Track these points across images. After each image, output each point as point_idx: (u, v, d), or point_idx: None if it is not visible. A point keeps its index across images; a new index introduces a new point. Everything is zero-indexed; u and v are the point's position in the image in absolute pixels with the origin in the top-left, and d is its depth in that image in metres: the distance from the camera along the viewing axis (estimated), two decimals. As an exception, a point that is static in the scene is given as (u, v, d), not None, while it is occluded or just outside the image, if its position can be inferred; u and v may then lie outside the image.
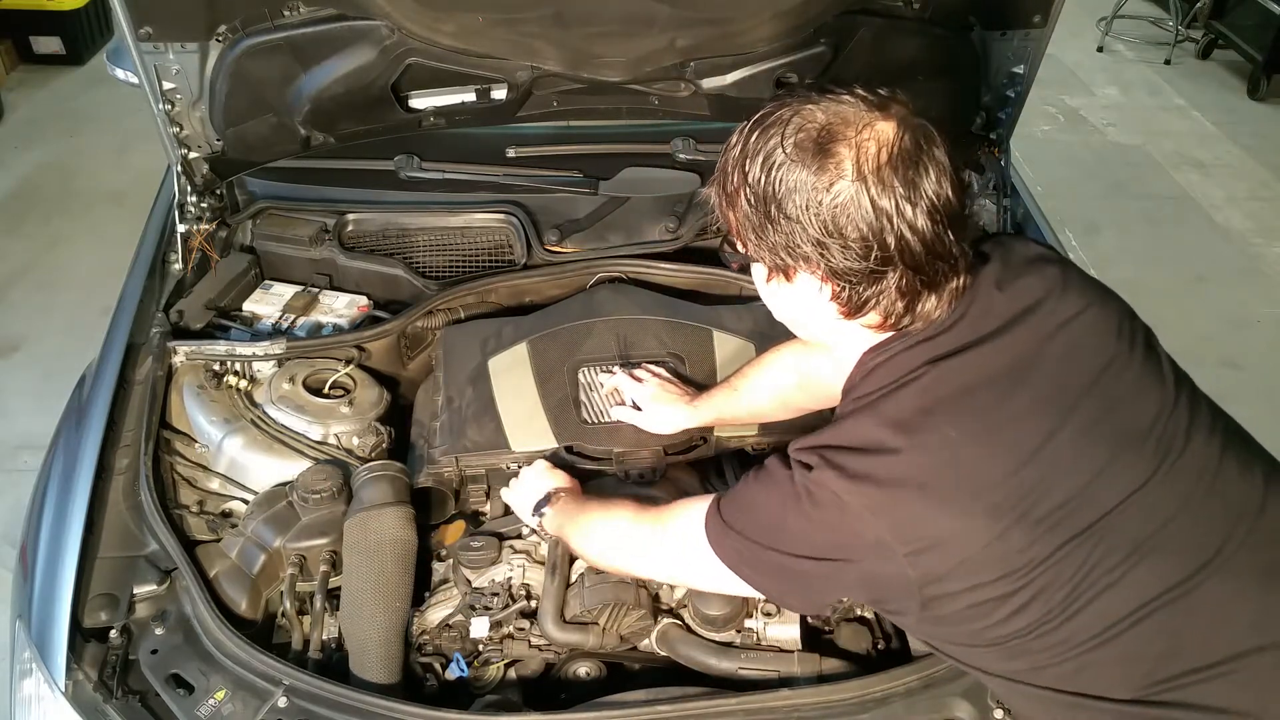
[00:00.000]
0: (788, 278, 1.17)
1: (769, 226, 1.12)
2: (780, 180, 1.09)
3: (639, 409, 1.78)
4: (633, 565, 1.45)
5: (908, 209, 1.07)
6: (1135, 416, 1.16)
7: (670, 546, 1.36)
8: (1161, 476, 1.13)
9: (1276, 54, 5.66)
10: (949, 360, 1.15)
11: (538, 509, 1.62)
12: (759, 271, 1.22)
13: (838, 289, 1.13)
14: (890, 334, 1.19)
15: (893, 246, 1.08)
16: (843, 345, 1.25)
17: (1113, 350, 1.19)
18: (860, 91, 1.11)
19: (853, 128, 1.08)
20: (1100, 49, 6.49)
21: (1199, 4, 6.34)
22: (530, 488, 1.66)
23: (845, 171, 1.07)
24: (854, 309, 1.15)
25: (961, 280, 1.15)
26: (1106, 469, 1.12)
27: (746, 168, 1.12)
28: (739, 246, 1.21)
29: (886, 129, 1.08)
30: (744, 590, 1.28)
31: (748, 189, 1.12)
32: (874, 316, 1.16)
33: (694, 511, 1.31)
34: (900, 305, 1.13)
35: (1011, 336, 1.17)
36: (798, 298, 1.19)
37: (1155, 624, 1.11)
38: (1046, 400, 1.14)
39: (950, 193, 1.09)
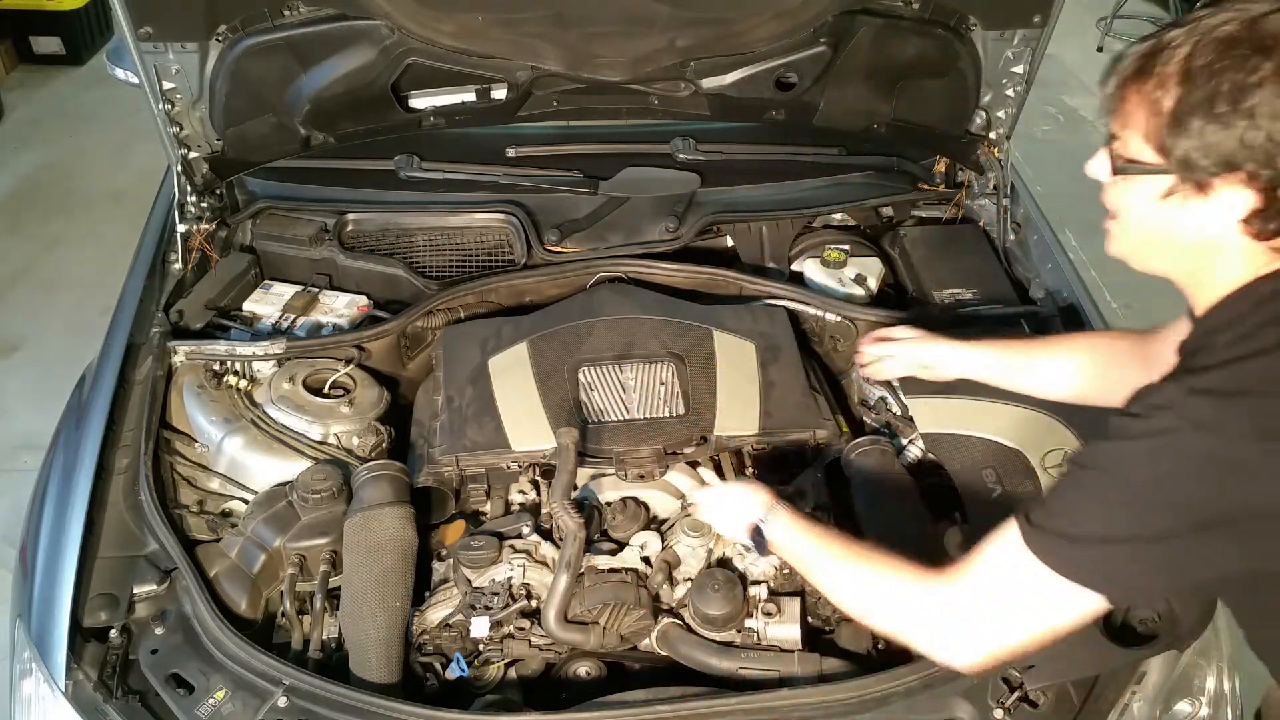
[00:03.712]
0: (1201, 191, 1.05)
1: (1209, 132, 1.01)
2: (1239, 82, 0.99)
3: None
4: (912, 633, 1.24)
5: None
6: None
7: (979, 601, 1.16)
8: None
9: (1276, 54, 5.66)
10: None
11: (756, 531, 1.46)
12: (1151, 188, 1.09)
13: (1264, 207, 1.03)
14: (1277, 263, 1.07)
15: None
16: (1210, 275, 1.11)
17: None
18: None
19: None
20: (1100, 49, 6.48)
21: (1198, 4, 6.34)
22: (738, 501, 1.51)
23: None
24: (1269, 231, 1.04)
25: None
26: None
27: (1195, 62, 1.01)
28: (1145, 157, 1.08)
29: None
30: (1085, 614, 1.12)
31: (1195, 86, 1.01)
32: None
33: (998, 553, 1.15)
34: None
35: None
36: (1199, 217, 1.07)
37: None
38: None
39: None
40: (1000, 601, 1.15)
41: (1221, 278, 1.11)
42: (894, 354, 1.83)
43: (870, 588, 1.30)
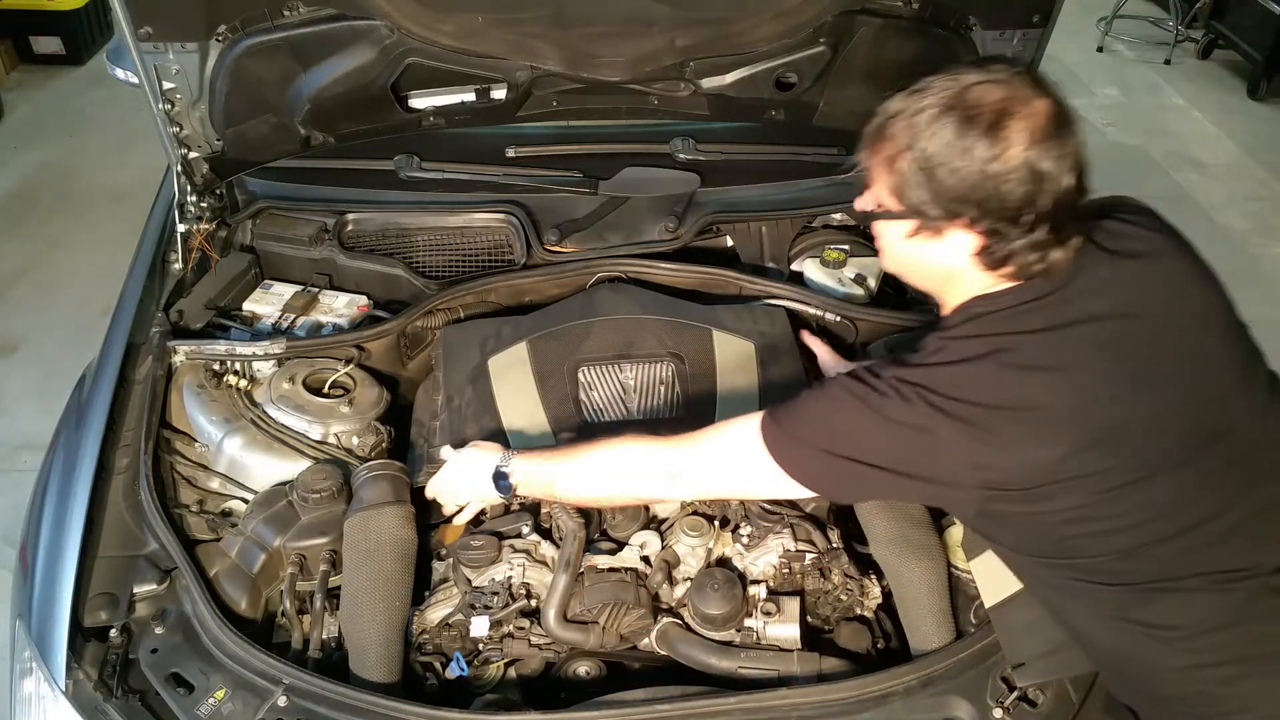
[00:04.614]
0: (938, 234, 1.26)
1: (932, 185, 1.22)
2: (952, 144, 1.19)
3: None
4: (658, 489, 1.49)
5: (1063, 171, 1.20)
6: (1216, 409, 1.28)
7: (714, 463, 1.42)
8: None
9: (1276, 54, 5.66)
10: (1045, 334, 1.24)
11: (499, 477, 1.57)
12: (900, 228, 1.30)
13: (988, 244, 1.24)
14: (1001, 286, 1.29)
15: (1047, 205, 1.20)
16: (951, 292, 1.34)
17: (1199, 340, 1.31)
18: (1018, 70, 1.24)
19: (1020, 103, 1.20)
20: (1100, 49, 6.48)
21: (1199, 4, 6.33)
22: (471, 464, 1.62)
23: (1018, 140, 1.18)
24: (996, 264, 1.26)
25: (1079, 240, 1.26)
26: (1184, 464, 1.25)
27: (917, 128, 1.22)
28: (891, 204, 1.29)
29: (1044, 105, 1.21)
30: (791, 493, 1.37)
31: (918, 149, 1.22)
32: (1008, 269, 1.26)
33: (741, 428, 1.39)
34: (1033, 259, 1.24)
35: (1112, 318, 1.26)
36: (938, 252, 1.29)
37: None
38: (1130, 378, 1.25)
39: (1080, 151, 1.23)
40: (724, 466, 1.41)
41: (958, 296, 1.33)
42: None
43: (615, 463, 1.49)
